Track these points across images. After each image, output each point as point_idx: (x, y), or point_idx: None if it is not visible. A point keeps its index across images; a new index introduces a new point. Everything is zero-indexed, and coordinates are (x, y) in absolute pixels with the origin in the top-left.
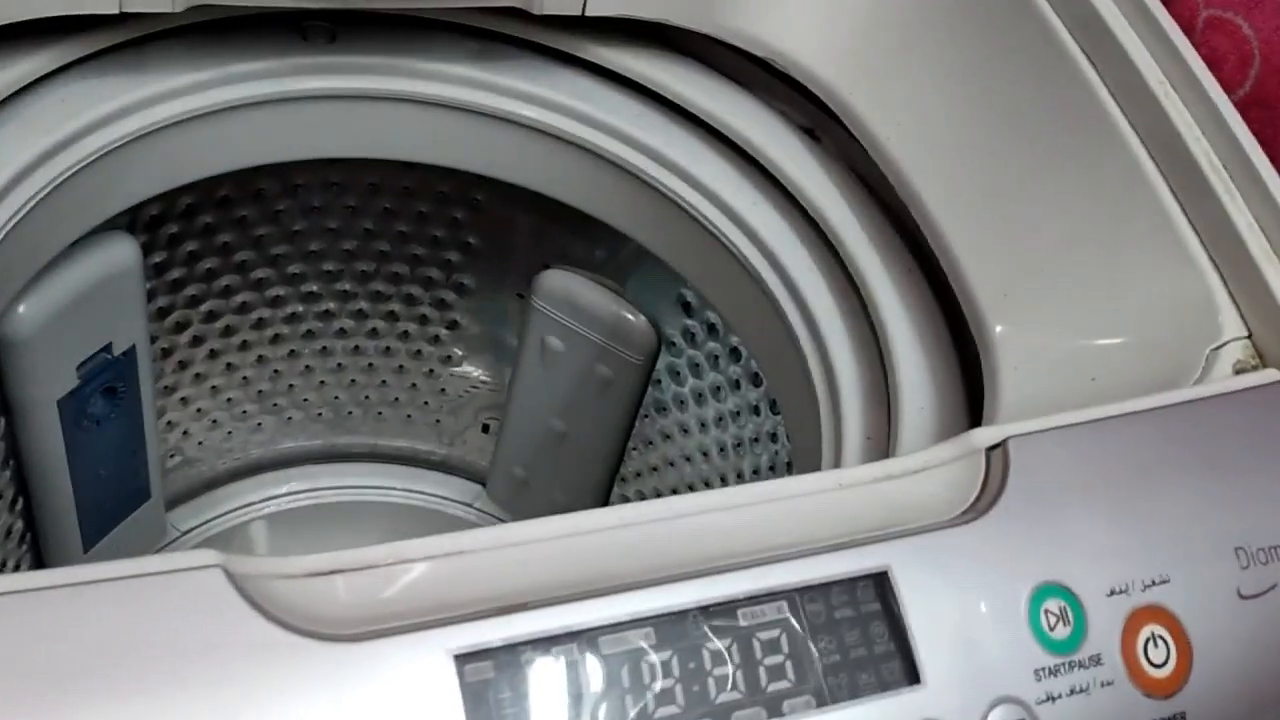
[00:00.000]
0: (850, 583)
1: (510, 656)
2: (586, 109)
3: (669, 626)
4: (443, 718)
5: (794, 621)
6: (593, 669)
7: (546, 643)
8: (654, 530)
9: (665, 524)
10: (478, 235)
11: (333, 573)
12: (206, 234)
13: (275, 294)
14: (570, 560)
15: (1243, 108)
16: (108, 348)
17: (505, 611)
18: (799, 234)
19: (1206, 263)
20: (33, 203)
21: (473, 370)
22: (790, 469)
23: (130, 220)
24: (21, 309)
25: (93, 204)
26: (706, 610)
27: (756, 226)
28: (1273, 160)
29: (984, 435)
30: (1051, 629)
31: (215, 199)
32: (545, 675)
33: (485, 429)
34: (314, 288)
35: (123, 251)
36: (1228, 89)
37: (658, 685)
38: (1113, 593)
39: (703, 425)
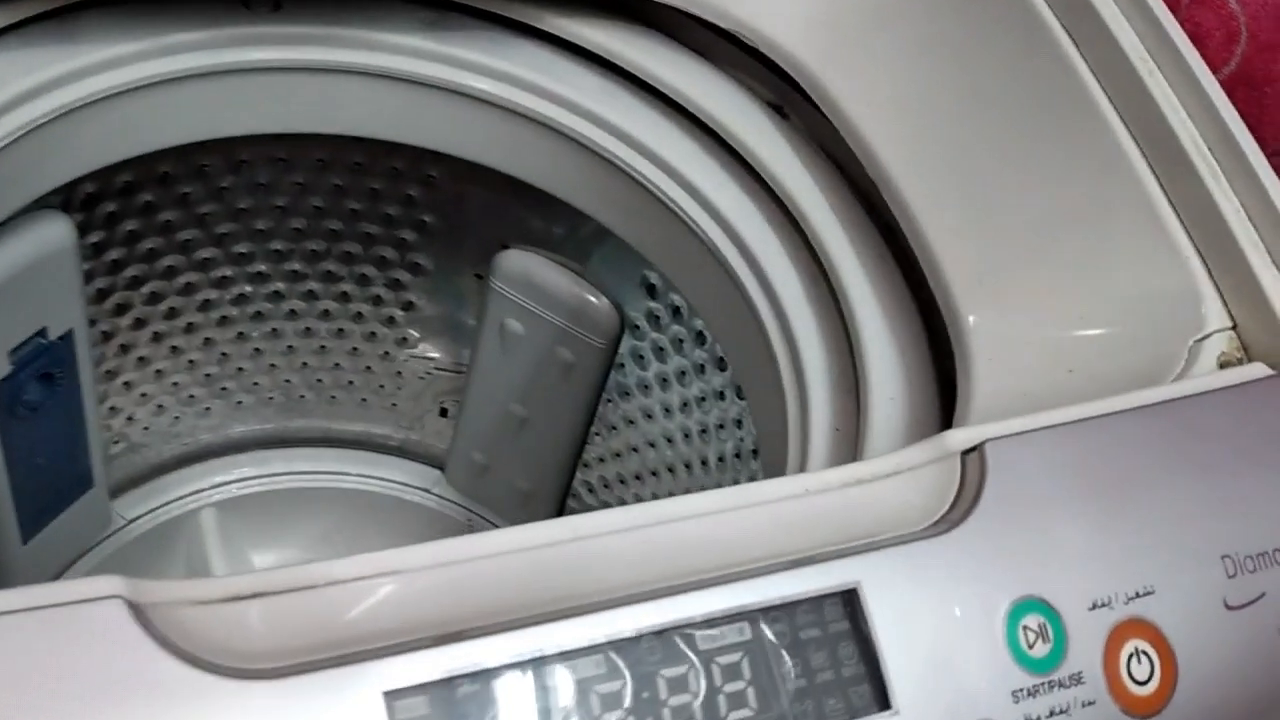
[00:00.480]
0: (817, 601)
1: (446, 692)
2: (546, 83)
3: (622, 653)
4: None
5: (757, 644)
6: (538, 702)
7: (487, 675)
8: (607, 545)
9: (619, 536)
10: (433, 213)
11: (251, 596)
12: (147, 212)
13: (221, 274)
14: (515, 581)
15: (1229, 87)
16: (42, 332)
17: (442, 642)
18: (767, 216)
19: (1190, 250)
20: None
21: (430, 353)
22: (755, 455)
23: (64, 199)
24: None
25: (20, 183)
26: (661, 635)
27: (723, 208)
28: (1260, 142)
29: (959, 437)
30: (1030, 647)
31: (155, 176)
32: (485, 711)
33: (444, 413)
34: (262, 268)
35: (56, 231)
36: (1213, 67)
37: (610, 718)
38: (1095, 606)
39: (667, 410)
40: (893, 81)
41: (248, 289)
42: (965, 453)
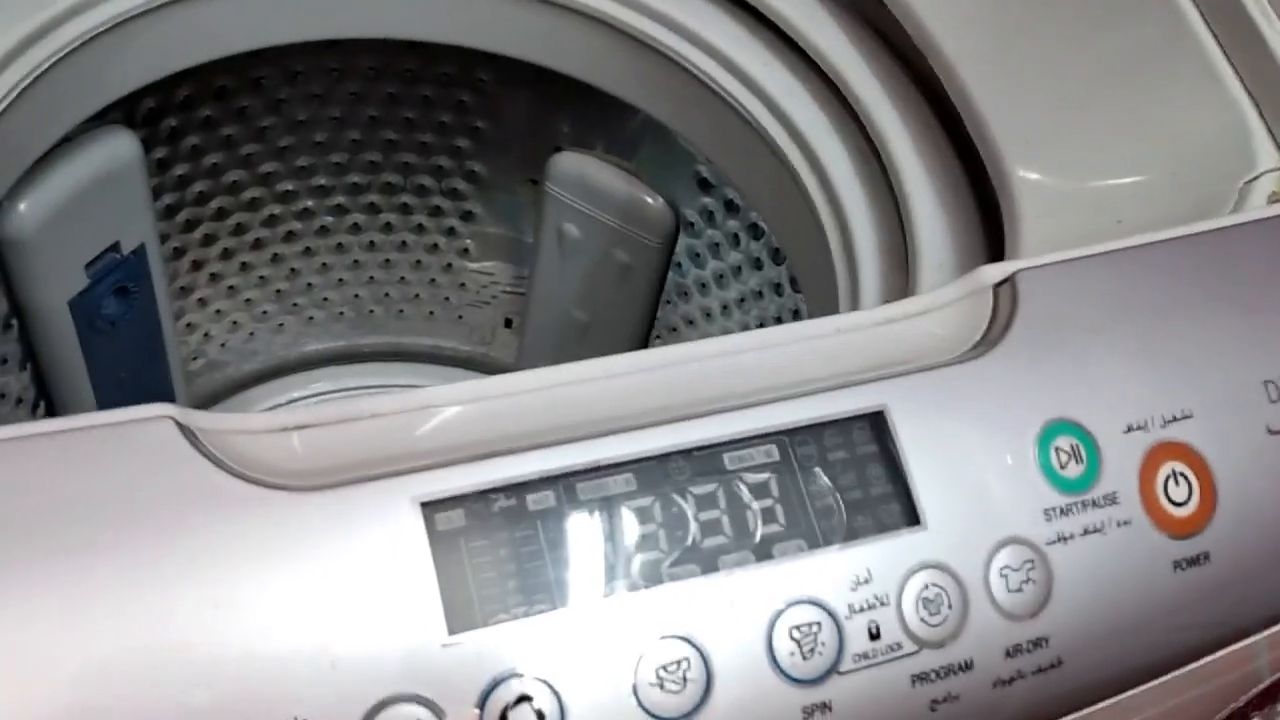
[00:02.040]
0: (844, 423)
1: (482, 504)
2: None
3: (650, 471)
4: (411, 568)
5: (784, 464)
6: (570, 515)
7: (520, 489)
8: (639, 380)
9: (650, 374)
10: (486, 119)
11: (295, 428)
12: (208, 127)
13: (284, 189)
14: (548, 410)
15: None
16: (115, 246)
17: (476, 459)
18: (814, 94)
19: (1240, 91)
20: (16, 92)
21: (492, 264)
22: None
23: (127, 115)
24: (22, 207)
25: (81, 95)
26: (689, 454)
27: (770, 89)
28: None
29: (991, 272)
30: (1063, 467)
31: (213, 90)
32: (519, 522)
33: (508, 324)
34: (323, 181)
35: (121, 146)
36: None
37: (638, 531)
38: (1130, 429)
39: (725, 308)
40: None
41: (310, 203)
42: (998, 285)
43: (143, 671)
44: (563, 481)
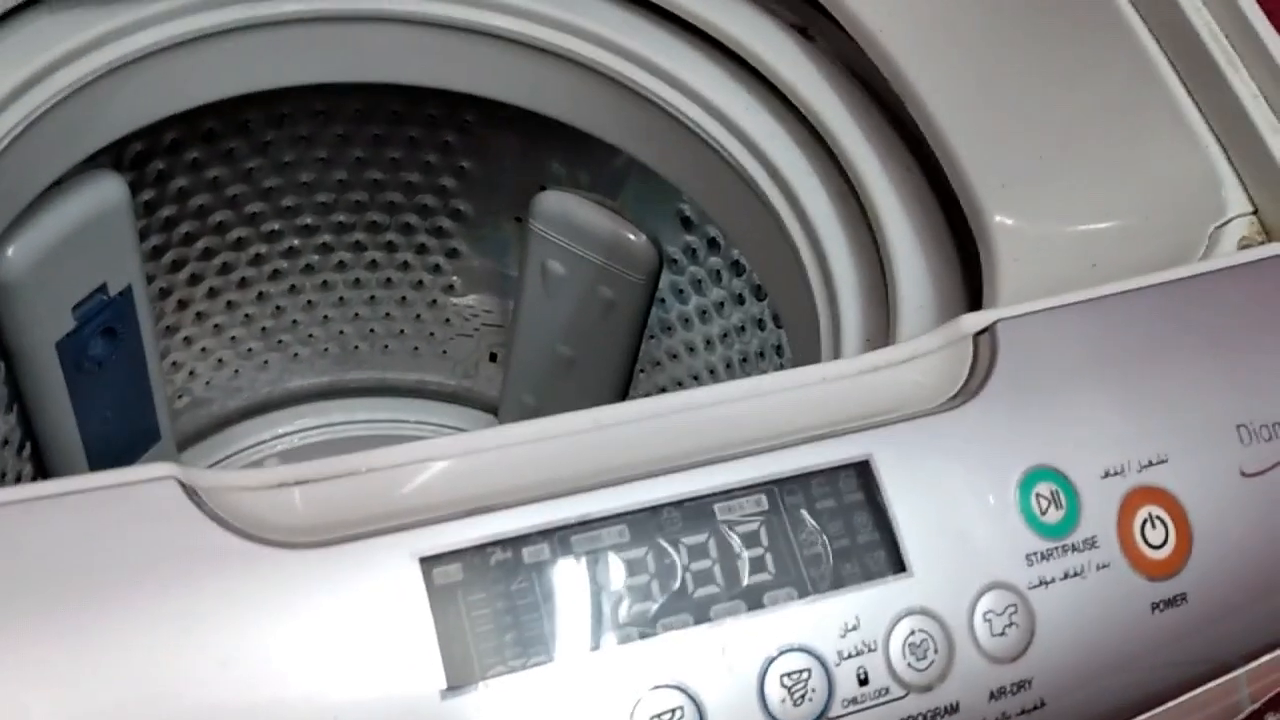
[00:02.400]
0: (831, 473)
1: (479, 558)
2: (568, 17)
3: (642, 523)
4: (410, 622)
5: (773, 514)
6: (565, 567)
7: (516, 543)
8: (628, 431)
9: (640, 424)
10: (471, 158)
11: (294, 484)
12: (195, 169)
13: (270, 228)
14: (541, 463)
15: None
16: (103, 288)
17: (472, 513)
18: (795, 138)
19: (1209, 137)
20: (9, 139)
21: (476, 299)
22: None
23: (115, 158)
24: (10, 251)
25: (73, 139)
26: (681, 505)
27: (751, 132)
28: (1276, 26)
29: (972, 321)
30: (1043, 513)
31: (201, 133)
32: (516, 575)
33: (493, 358)
34: (309, 220)
35: (110, 189)
36: None
37: (632, 582)
38: (1107, 474)
39: (708, 342)
40: None
41: (296, 242)
42: (978, 334)
43: None
44: (557, 534)
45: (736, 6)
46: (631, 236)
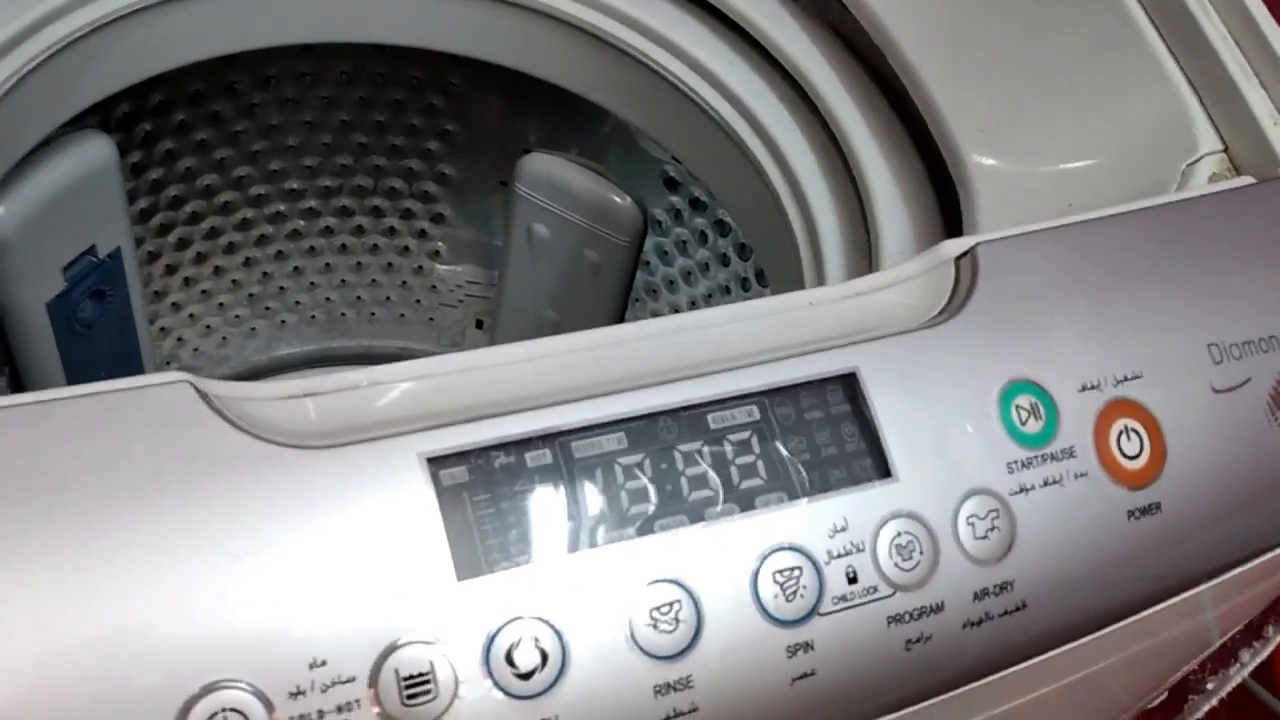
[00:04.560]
0: (819, 384)
1: (483, 460)
2: None
3: (640, 430)
4: (419, 521)
5: (764, 423)
6: (567, 470)
7: (519, 446)
8: (625, 349)
9: (636, 343)
10: (456, 121)
11: (304, 395)
12: (182, 131)
13: (257, 192)
14: (542, 375)
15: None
16: (92, 250)
17: (478, 419)
18: (778, 93)
19: (1181, 79)
20: None
21: (462, 265)
22: None
23: (103, 119)
24: (0, 210)
25: (58, 98)
26: (676, 414)
27: (735, 88)
28: None
29: (952, 246)
30: (1023, 424)
31: (187, 95)
32: (519, 477)
33: (479, 325)
34: (295, 184)
35: (98, 149)
36: None
37: (630, 485)
38: (1084, 388)
39: (693, 304)
40: None
41: (283, 207)
42: (959, 258)
43: (170, 614)
44: (558, 439)
45: None
46: (617, 199)
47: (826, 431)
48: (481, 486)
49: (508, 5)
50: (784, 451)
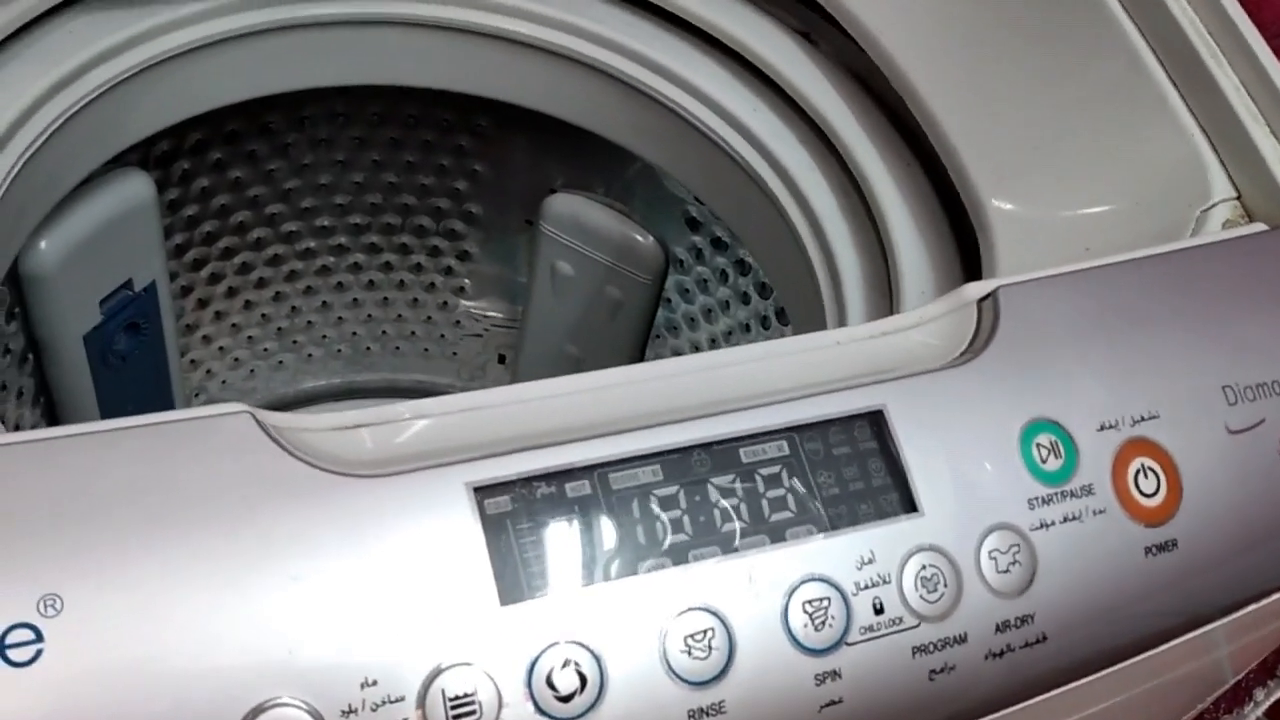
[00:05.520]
0: (847, 421)
1: (526, 490)
2: (579, 22)
3: (675, 463)
4: (465, 547)
5: (794, 458)
6: (605, 501)
7: (560, 476)
8: (659, 385)
9: (669, 380)
10: (483, 162)
11: (354, 427)
12: (218, 169)
13: (289, 229)
14: (581, 409)
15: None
16: (129, 284)
17: (521, 450)
18: (798, 135)
19: (1194, 126)
20: (45, 135)
21: (486, 301)
22: None
23: (142, 157)
24: (43, 244)
25: (104, 136)
26: (709, 448)
27: (756, 130)
28: (1259, 26)
29: (975, 289)
30: (1043, 461)
31: (224, 134)
32: (560, 506)
33: (502, 360)
34: (326, 221)
35: (138, 187)
36: None
37: (665, 516)
38: (1103, 427)
39: (713, 341)
40: (912, 1)
41: (313, 243)
42: (981, 300)
43: (230, 633)
44: (597, 471)
45: (743, 12)
46: (639, 238)
47: (854, 467)
48: (524, 515)
49: (537, 50)
50: (813, 485)
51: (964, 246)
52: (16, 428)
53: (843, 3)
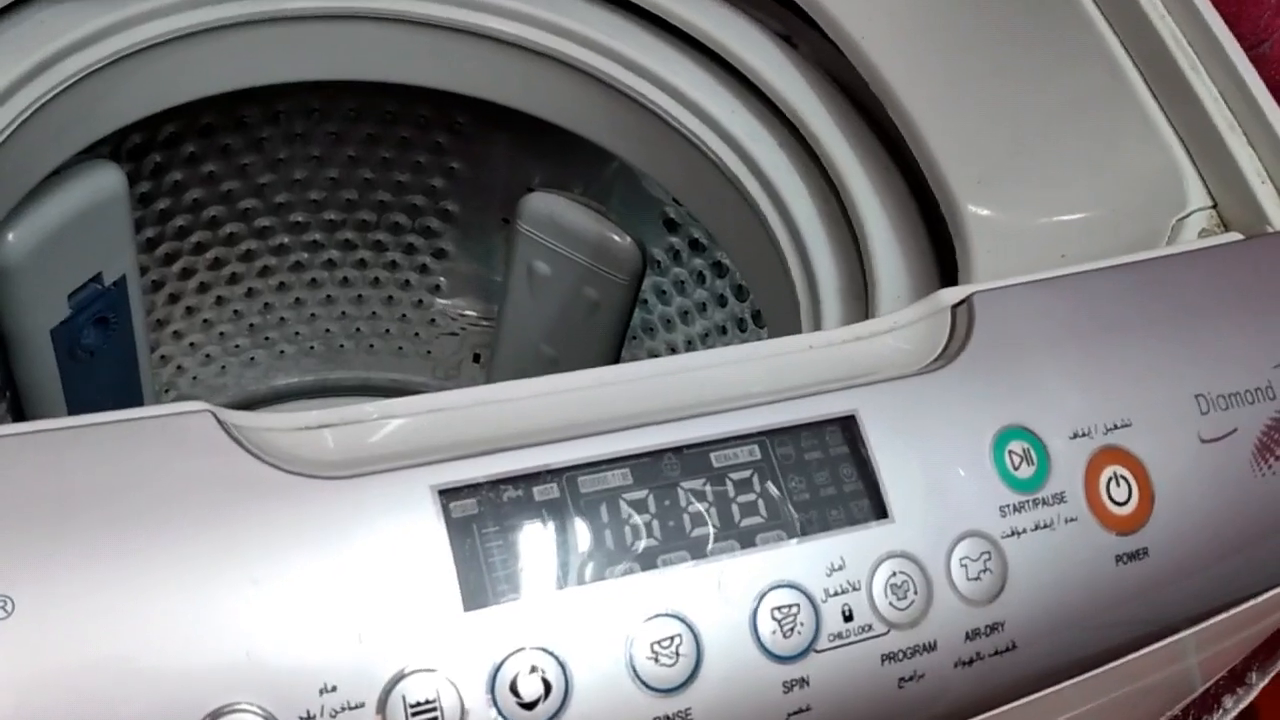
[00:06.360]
0: (819, 426)
1: (493, 493)
2: (561, 21)
3: (645, 467)
4: (429, 551)
5: (765, 463)
6: (573, 505)
7: (527, 480)
8: (630, 387)
9: (641, 382)
10: (460, 159)
11: (319, 427)
12: (191, 163)
13: (262, 225)
14: (549, 411)
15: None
16: (98, 277)
17: (487, 453)
18: (779, 140)
19: (1172, 136)
20: (12, 126)
21: (462, 300)
22: None
23: (114, 149)
24: (10, 236)
25: (75, 128)
26: (680, 452)
27: (735, 133)
28: (1238, 38)
29: (950, 294)
30: (1015, 469)
31: (198, 127)
32: (527, 510)
33: (476, 359)
34: (300, 217)
35: (108, 179)
36: None
37: (634, 520)
38: (1075, 435)
39: (689, 343)
40: (892, 4)
41: (287, 239)
42: (955, 306)
43: (187, 637)
44: (565, 474)
45: (725, 14)
46: (617, 238)
47: (825, 472)
48: (490, 519)
49: (516, 48)
50: (784, 490)
51: (941, 252)
52: None
53: (824, 6)
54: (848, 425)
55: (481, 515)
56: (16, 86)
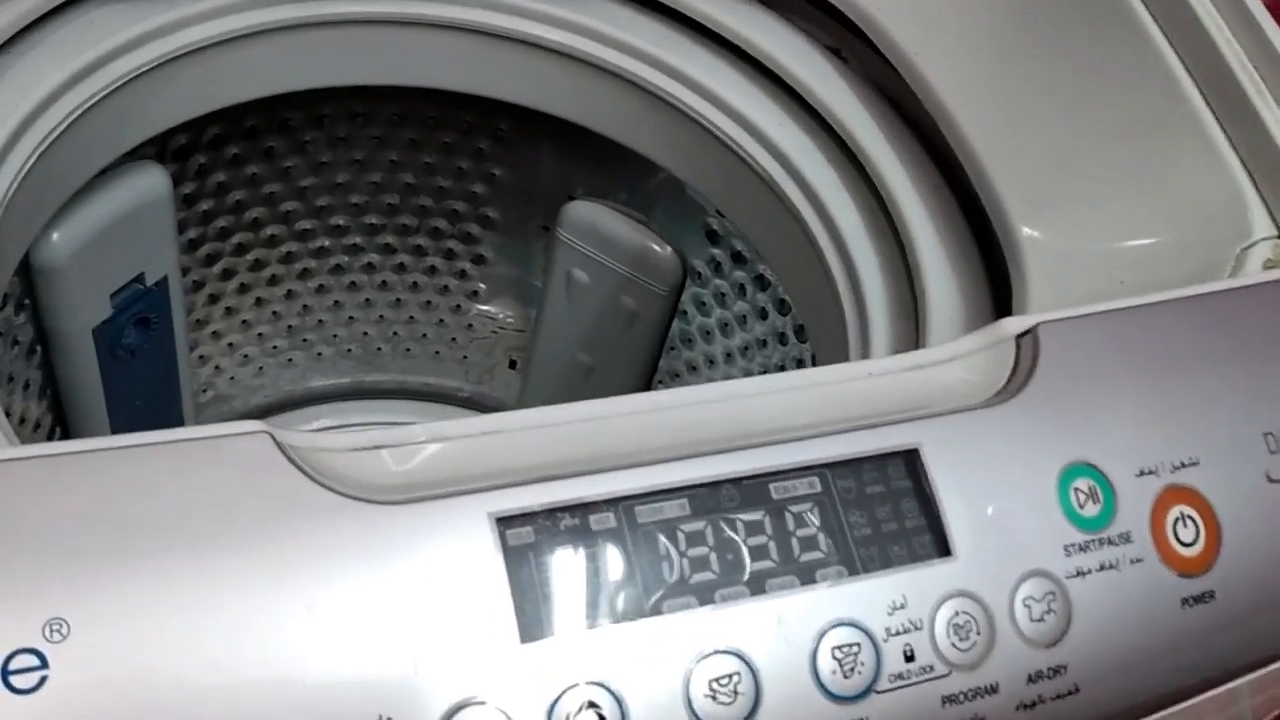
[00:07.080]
0: (881, 459)
1: (550, 521)
2: (609, 30)
3: (702, 498)
4: (486, 580)
5: (825, 496)
6: (630, 535)
7: (584, 509)
8: (688, 413)
9: (699, 408)
10: (502, 166)
11: (373, 448)
12: (235, 165)
13: (303, 227)
14: (606, 437)
15: (1273, 7)
16: (140, 278)
17: (544, 480)
18: (827, 155)
19: (1236, 162)
20: (62, 127)
21: (499, 305)
22: None
23: (159, 151)
24: (55, 236)
25: (122, 129)
26: (738, 483)
27: (783, 146)
28: None
29: (1014, 324)
30: (1081, 507)
31: (243, 129)
32: (583, 539)
33: (512, 365)
34: (341, 221)
35: (153, 180)
36: None
37: (692, 553)
38: (1142, 473)
39: (729, 356)
40: (946, 19)
41: (328, 242)
42: (1020, 336)
43: (241, 663)
44: (622, 504)
45: (774, 26)
46: (657, 248)
47: (887, 507)
48: (546, 548)
49: (561, 56)
50: (845, 525)
51: (991, 272)
52: (22, 420)
53: (875, 20)
54: (911, 459)
55: (538, 544)
56: (66, 87)
